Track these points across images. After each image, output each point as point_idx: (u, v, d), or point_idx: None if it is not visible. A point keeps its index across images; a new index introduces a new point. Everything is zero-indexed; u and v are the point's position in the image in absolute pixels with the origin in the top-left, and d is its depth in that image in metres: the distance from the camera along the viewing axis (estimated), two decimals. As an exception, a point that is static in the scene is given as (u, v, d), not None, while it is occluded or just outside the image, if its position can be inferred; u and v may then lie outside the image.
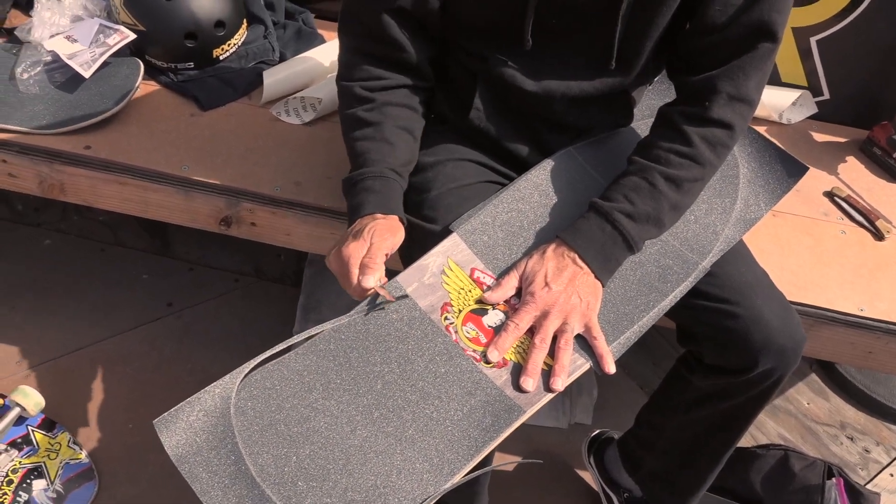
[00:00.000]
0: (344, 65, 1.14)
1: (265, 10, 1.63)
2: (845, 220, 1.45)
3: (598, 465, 1.48)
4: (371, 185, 1.04)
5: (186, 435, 0.88)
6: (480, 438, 0.92)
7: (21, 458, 1.45)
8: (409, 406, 0.94)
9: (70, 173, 1.36)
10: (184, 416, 0.89)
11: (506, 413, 0.94)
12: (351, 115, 1.11)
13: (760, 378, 1.11)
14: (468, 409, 0.94)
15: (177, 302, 1.83)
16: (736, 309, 1.08)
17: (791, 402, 1.84)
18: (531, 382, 0.95)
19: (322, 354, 0.96)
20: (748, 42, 1.04)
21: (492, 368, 0.97)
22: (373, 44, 1.11)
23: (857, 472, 1.72)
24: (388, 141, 1.08)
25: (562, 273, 1.00)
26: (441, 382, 0.96)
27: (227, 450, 0.88)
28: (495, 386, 0.96)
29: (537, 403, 0.96)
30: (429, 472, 0.90)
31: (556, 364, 0.97)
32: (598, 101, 1.16)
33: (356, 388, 0.95)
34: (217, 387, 0.91)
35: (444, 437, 0.92)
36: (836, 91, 1.64)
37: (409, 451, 0.91)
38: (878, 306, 1.29)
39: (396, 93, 1.12)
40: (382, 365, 0.96)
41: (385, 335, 0.98)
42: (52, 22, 1.50)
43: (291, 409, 0.92)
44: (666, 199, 1.05)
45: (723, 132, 1.07)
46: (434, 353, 0.97)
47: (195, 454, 0.87)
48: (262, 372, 0.94)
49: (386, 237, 0.99)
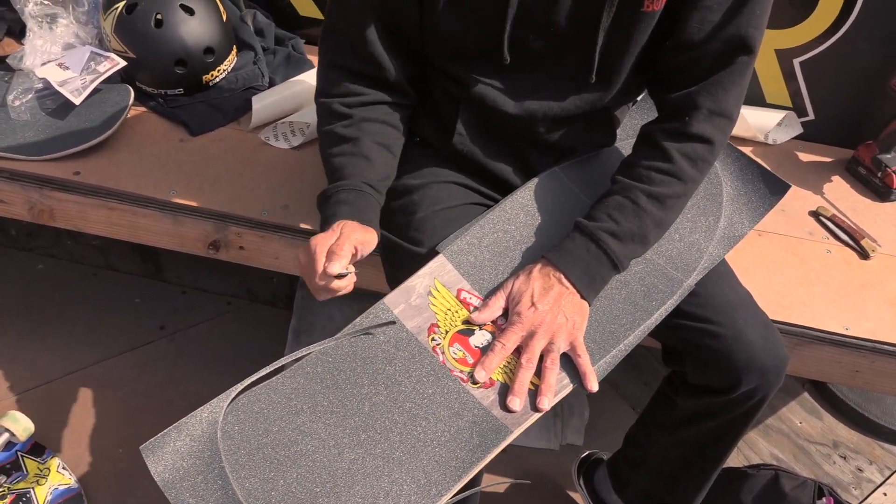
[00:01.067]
0: (323, 80, 1.15)
1: (254, 37, 1.65)
2: (830, 239, 1.46)
3: (588, 485, 1.48)
4: (345, 198, 1.04)
5: (173, 460, 0.88)
6: (468, 459, 0.93)
7: (10, 484, 1.45)
8: (396, 428, 0.94)
9: (59, 199, 1.37)
10: (170, 441, 0.89)
11: (493, 433, 0.95)
12: (329, 132, 1.11)
13: (744, 397, 1.11)
14: (455, 430, 0.94)
15: (169, 325, 1.84)
16: (718, 329, 1.09)
17: (783, 421, 1.84)
18: (518, 402, 0.96)
19: (309, 377, 0.97)
20: (726, 57, 1.05)
21: (479, 389, 0.98)
22: (352, 59, 1.11)
23: (851, 491, 1.71)
24: (364, 156, 1.08)
25: (548, 293, 1.01)
26: (428, 404, 0.96)
27: (213, 474, 0.88)
28: (482, 406, 0.96)
29: (524, 423, 0.96)
30: (416, 493, 0.90)
31: (543, 383, 0.98)
32: (580, 120, 1.17)
33: (344, 411, 0.95)
34: (204, 411, 0.91)
35: (431, 458, 0.92)
36: (820, 111, 1.66)
37: (396, 473, 0.91)
38: (864, 325, 1.30)
39: (375, 109, 1.12)
40: (370, 387, 0.97)
41: (372, 357, 0.99)
42: (44, 50, 1.52)
43: (279, 432, 0.92)
44: (650, 217, 1.06)
45: (703, 147, 1.08)
46: (421, 374, 0.98)
47: (182, 479, 0.87)
48: (250, 395, 0.94)
49: (357, 231, 0.99)
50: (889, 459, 1.78)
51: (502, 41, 1.07)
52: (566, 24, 1.06)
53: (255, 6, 1.72)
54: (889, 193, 1.54)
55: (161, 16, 1.47)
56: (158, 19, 1.47)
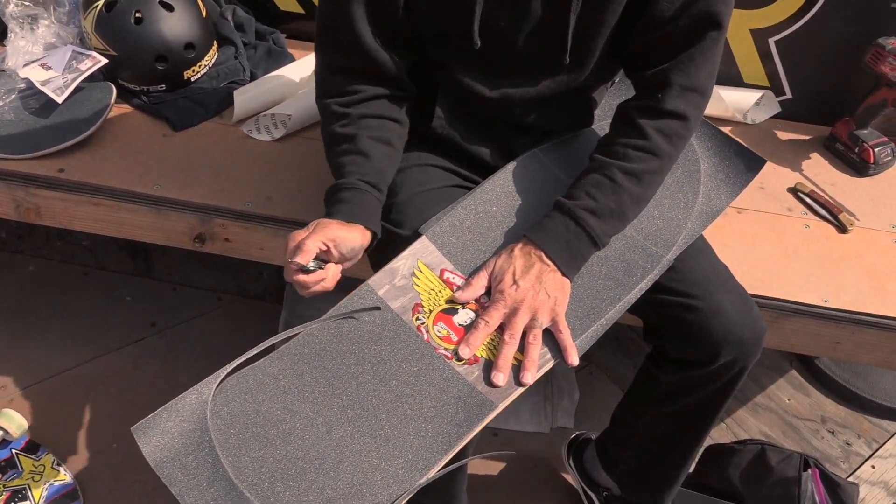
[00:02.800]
0: (321, 82, 1.16)
1: (235, 32, 1.66)
2: (809, 214, 1.47)
3: (578, 465, 1.50)
4: (343, 196, 1.06)
5: (164, 440, 0.90)
6: (454, 433, 0.95)
7: (5, 482, 1.46)
8: (383, 405, 0.96)
9: (45, 196, 1.38)
10: (161, 422, 0.91)
11: (478, 408, 0.97)
12: (329, 133, 1.13)
13: (723, 369, 1.13)
14: (441, 406, 0.96)
15: (160, 322, 1.85)
16: (696, 302, 1.10)
17: (772, 398, 1.86)
18: (502, 377, 0.98)
19: (296, 358, 0.98)
20: (696, 33, 1.07)
21: (463, 365, 1.00)
22: (346, 57, 1.12)
23: (839, 465, 1.73)
24: (362, 153, 1.09)
25: (529, 271, 1.03)
26: (414, 381, 0.98)
27: (204, 453, 0.89)
28: (467, 382, 0.98)
29: (509, 398, 0.98)
30: (404, 468, 0.92)
31: (526, 359, 1.00)
32: (556, 101, 1.19)
33: (331, 390, 0.97)
34: (193, 392, 0.93)
35: (418, 433, 0.94)
36: (797, 90, 1.67)
37: (384, 449, 0.93)
38: (842, 297, 1.31)
39: (372, 105, 1.13)
40: (356, 366, 0.98)
41: (358, 337, 1.01)
42: (27, 50, 1.53)
43: (267, 412, 0.94)
44: (627, 193, 1.08)
45: (677, 123, 1.09)
46: (407, 352, 1.00)
47: (173, 459, 0.89)
48: (238, 377, 0.96)
49: (331, 227, 1.01)
50: (876, 433, 1.80)
51: (472, 25, 1.08)
52: (538, 7, 1.08)
53: (234, 1, 1.73)
54: (866, 168, 1.56)
55: (140, 13, 1.48)
56: (138, 17, 1.48)
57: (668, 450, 1.30)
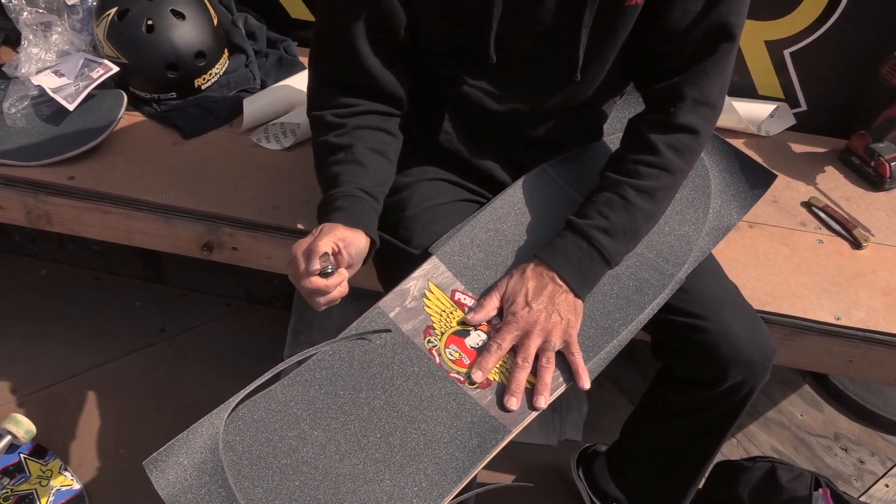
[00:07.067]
0: (314, 95, 1.13)
1: (246, 40, 1.66)
2: (823, 229, 1.45)
3: (587, 477, 1.48)
4: (340, 205, 1.03)
5: (176, 473, 0.88)
6: (468, 460, 0.93)
7: (13, 486, 1.47)
8: (396, 431, 0.95)
9: (55, 203, 1.39)
10: (173, 455, 0.89)
11: (491, 433, 0.95)
12: (322, 143, 1.10)
13: (731, 391, 1.11)
14: (454, 432, 0.95)
15: (169, 328, 1.86)
16: (705, 323, 1.09)
17: (784, 413, 1.83)
18: (515, 401, 0.97)
19: (307, 384, 0.97)
20: (708, 45, 1.05)
21: (476, 389, 0.98)
22: (343, 72, 1.10)
23: (852, 483, 1.70)
24: (359, 163, 1.07)
25: (542, 292, 1.02)
26: (426, 406, 0.96)
27: (217, 485, 0.88)
28: (480, 407, 0.97)
29: (522, 422, 0.97)
30: (418, 496, 0.91)
31: (540, 382, 0.99)
32: (565, 115, 1.18)
33: (343, 416, 0.95)
34: (204, 423, 0.91)
35: (431, 460, 0.93)
36: (812, 102, 1.65)
37: (397, 477, 0.92)
38: (855, 315, 1.29)
39: (368, 118, 1.11)
40: (368, 391, 0.97)
41: (369, 361, 0.99)
42: (39, 57, 1.54)
43: (280, 440, 0.93)
44: (639, 211, 1.06)
45: (689, 137, 1.08)
46: (419, 376, 0.98)
47: (186, 492, 0.87)
48: (249, 405, 0.95)
49: (337, 230, 0.98)
50: (891, 451, 1.77)
51: (489, 41, 1.07)
52: (550, 22, 1.06)
53: (246, 9, 1.73)
54: (882, 183, 1.53)
55: (152, 21, 1.48)
56: (150, 25, 1.49)
57: (677, 466, 1.29)
